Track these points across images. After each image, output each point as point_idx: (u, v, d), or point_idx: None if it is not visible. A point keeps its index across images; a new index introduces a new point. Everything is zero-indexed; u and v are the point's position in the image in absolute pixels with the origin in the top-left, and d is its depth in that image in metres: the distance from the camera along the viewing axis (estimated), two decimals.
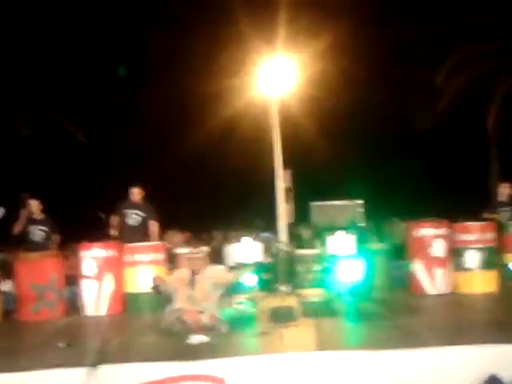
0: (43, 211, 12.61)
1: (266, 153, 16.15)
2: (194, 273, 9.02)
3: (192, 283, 8.88)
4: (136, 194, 12.31)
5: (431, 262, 11.08)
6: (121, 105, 23.98)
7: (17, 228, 12.46)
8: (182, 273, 9.21)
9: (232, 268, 11.52)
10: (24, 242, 12.60)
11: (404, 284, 11.77)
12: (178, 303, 8.66)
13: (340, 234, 11.64)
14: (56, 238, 12.63)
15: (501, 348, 6.81)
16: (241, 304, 10.48)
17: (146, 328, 9.79)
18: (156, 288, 9.03)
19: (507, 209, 12.45)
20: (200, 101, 22.91)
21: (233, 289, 10.17)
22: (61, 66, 20.85)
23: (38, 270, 11.30)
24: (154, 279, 9.11)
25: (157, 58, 23.76)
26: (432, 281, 11.05)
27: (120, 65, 24.02)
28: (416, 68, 21.70)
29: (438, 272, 11.06)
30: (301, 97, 18.14)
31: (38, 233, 12.44)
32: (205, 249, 11.69)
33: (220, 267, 9.69)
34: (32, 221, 12.47)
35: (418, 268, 11.17)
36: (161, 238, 12.55)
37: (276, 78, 15.80)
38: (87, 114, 22.25)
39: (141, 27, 23.81)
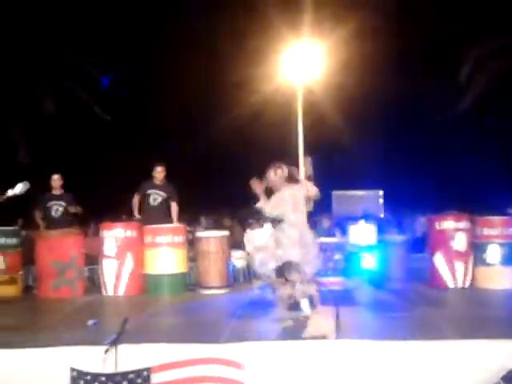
0: (63, 186, 12.59)
1: (291, 140, 16.12)
2: None
3: None
4: (160, 171, 12.26)
5: (452, 256, 11.01)
6: (150, 88, 24.06)
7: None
8: None
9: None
10: (44, 218, 12.60)
11: (424, 277, 11.72)
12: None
13: (361, 223, 11.65)
14: (78, 209, 12.60)
15: None
16: (260, 289, 10.51)
17: (165, 309, 9.87)
18: None
19: None
20: (227, 88, 22.92)
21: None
22: (86, 46, 20.84)
23: (58, 248, 11.38)
24: None
25: (183, 45, 23.75)
26: (452, 274, 10.99)
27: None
28: (442, 58, 21.51)
29: (459, 266, 10.99)
30: (325, 84, 18.08)
31: (57, 208, 12.43)
32: (226, 232, 11.76)
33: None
34: (52, 196, 12.46)
35: (438, 261, 11.10)
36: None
37: (301, 64, 15.76)
38: (114, 96, 22.32)
39: (167, 13, 23.81)
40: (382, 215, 17.98)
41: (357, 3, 21.00)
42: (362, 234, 11.47)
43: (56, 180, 12.40)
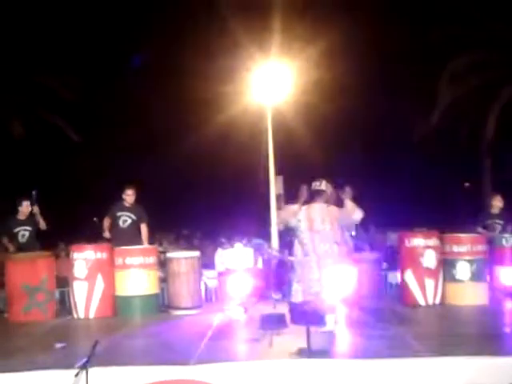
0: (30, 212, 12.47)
1: (260, 159, 16.16)
2: None
3: None
4: (130, 194, 12.21)
5: (422, 273, 11.06)
6: (116, 106, 24.00)
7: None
8: None
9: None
10: (12, 243, 12.47)
11: (395, 294, 11.79)
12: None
13: None
14: (43, 224, 12.46)
15: (489, 360, 6.83)
16: (231, 310, 10.52)
17: (136, 331, 9.83)
18: None
19: (499, 221, 12.42)
20: (195, 106, 22.96)
21: None
22: (54, 66, 20.77)
23: (28, 270, 11.27)
24: None
25: (152, 63, 23.81)
26: (423, 291, 11.04)
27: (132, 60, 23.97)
28: (411, 74, 21.71)
29: (429, 283, 11.05)
30: (295, 103, 18.17)
31: (23, 233, 12.32)
32: (197, 253, 11.74)
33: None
34: (18, 221, 12.33)
35: (409, 278, 11.16)
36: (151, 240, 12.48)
37: (270, 84, 15.82)
38: (81, 114, 22.22)
39: (136, 32, 23.85)
40: (353, 233, 18.00)
41: (326, 23, 21.14)
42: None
43: (25, 207, 12.28)
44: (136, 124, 23.99)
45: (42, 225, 12.31)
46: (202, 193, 25.15)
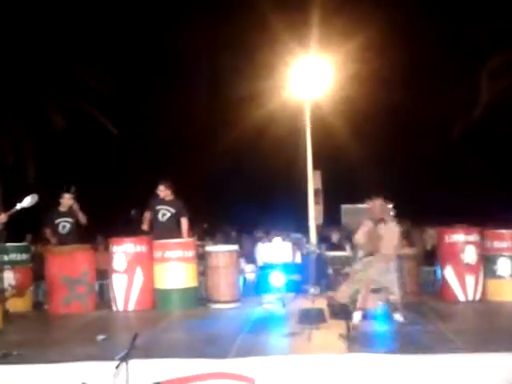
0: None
1: (298, 154, 16.11)
2: None
3: None
4: (161, 190, 12.24)
5: (462, 269, 10.98)
6: (155, 101, 24.12)
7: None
8: None
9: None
10: (55, 234, 12.56)
11: (435, 290, 11.71)
12: None
13: None
14: (83, 219, 12.55)
15: None
16: (270, 304, 10.52)
17: (175, 324, 9.88)
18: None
19: None
20: (234, 102, 22.96)
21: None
22: (93, 61, 20.91)
23: (69, 263, 11.40)
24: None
25: (190, 58, 23.84)
26: (463, 287, 10.96)
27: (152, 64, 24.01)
28: (451, 69, 21.50)
29: (469, 279, 10.96)
30: (334, 98, 18.08)
31: (64, 225, 12.41)
32: (235, 247, 11.76)
33: None
34: (59, 213, 12.41)
35: (449, 274, 11.08)
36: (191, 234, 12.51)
37: (309, 79, 15.76)
38: (120, 109, 22.34)
39: (174, 26, 23.90)
40: None
41: (365, 17, 21.03)
42: None
43: (66, 199, 12.36)
44: (175, 120, 24.05)
45: (82, 219, 12.40)
46: (240, 188, 25.15)
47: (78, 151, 22.79)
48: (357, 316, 8.88)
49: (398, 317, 8.95)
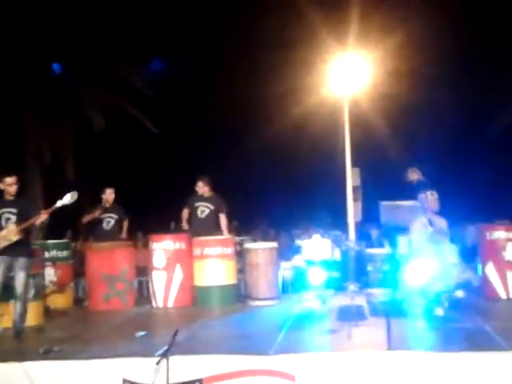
0: (114, 200, 12.62)
1: (337, 151, 16.06)
2: None
3: None
4: (200, 186, 12.28)
5: (504, 266, 10.85)
6: (193, 100, 24.20)
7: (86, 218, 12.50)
8: None
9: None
10: (95, 230, 12.64)
11: (475, 287, 11.60)
12: None
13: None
14: (126, 224, 12.63)
15: None
16: (309, 301, 10.49)
17: (215, 320, 9.90)
18: None
19: None
20: (272, 99, 22.93)
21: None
22: (135, 60, 20.98)
23: (109, 260, 11.49)
24: None
25: (228, 55, 23.85)
26: (504, 285, 10.83)
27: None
28: (493, 67, 21.25)
29: (511, 276, 10.82)
30: (372, 95, 17.98)
31: (109, 220, 12.48)
32: (274, 244, 11.75)
33: None
34: (104, 209, 12.53)
35: (490, 272, 10.96)
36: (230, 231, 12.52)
37: (347, 76, 15.71)
38: (159, 107, 22.40)
39: (213, 24, 23.92)
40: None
41: (404, 12, 20.88)
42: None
43: (109, 194, 12.45)
44: (213, 117, 24.09)
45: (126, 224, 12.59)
46: (278, 185, 25.13)
47: (118, 149, 22.91)
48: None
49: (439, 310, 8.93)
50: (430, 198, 9.46)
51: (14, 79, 18.99)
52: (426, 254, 9.32)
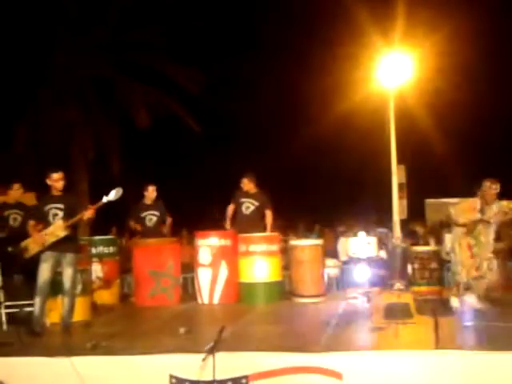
0: (156, 197, 12.66)
1: (382, 147, 15.99)
2: None
3: None
4: (245, 183, 12.28)
5: None
6: (238, 97, 24.24)
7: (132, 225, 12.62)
8: None
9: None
10: (141, 227, 12.69)
11: None
12: None
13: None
14: (169, 221, 12.67)
15: None
16: (355, 298, 10.46)
17: (260, 317, 9.89)
18: None
19: None
20: (318, 95, 22.91)
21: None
22: (181, 58, 21.04)
23: (155, 257, 11.54)
24: None
25: (274, 51, 23.88)
26: None
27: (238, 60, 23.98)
28: None
29: None
30: (418, 91, 17.86)
31: (150, 218, 12.53)
32: (320, 241, 11.70)
33: None
34: (145, 206, 12.56)
35: None
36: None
37: (394, 71, 15.63)
38: (202, 106, 22.46)
39: (256, 22, 23.96)
40: None
41: (451, 7, 20.71)
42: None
43: (151, 191, 12.50)
44: (258, 115, 24.14)
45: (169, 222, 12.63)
46: (323, 181, 25.09)
47: (162, 146, 23.07)
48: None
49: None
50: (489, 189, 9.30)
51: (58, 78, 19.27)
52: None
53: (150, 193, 12.48)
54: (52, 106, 19.28)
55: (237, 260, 11.45)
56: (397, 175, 15.86)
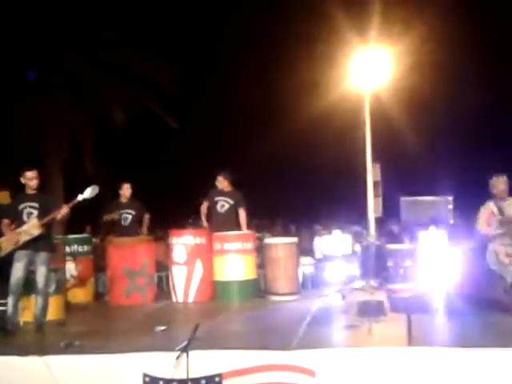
0: (132, 195, 12.59)
1: (358, 146, 16.02)
2: None
3: None
4: (220, 181, 12.27)
5: None
6: (214, 94, 24.20)
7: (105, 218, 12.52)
8: None
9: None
10: (115, 226, 12.66)
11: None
12: None
13: (431, 229, 11.48)
14: (146, 219, 12.60)
15: None
16: (329, 296, 10.48)
17: (235, 315, 9.91)
18: None
19: None
20: (292, 93, 22.92)
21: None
22: (155, 55, 20.96)
23: (130, 255, 11.52)
24: None
25: (247, 48, 23.85)
26: None
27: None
28: None
29: None
30: (393, 89, 17.90)
31: (126, 216, 12.48)
32: (295, 239, 11.72)
33: None
34: (121, 205, 12.46)
35: None
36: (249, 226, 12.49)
37: (369, 70, 15.66)
38: (179, 102, 22.38)
39: (230, 18, 23.94)
40: (451, 221, 17.71)
41: (427, 6, 20.77)
42: (431, 240, 11.30)
43: (126, 189, 12.44)
44: (234, 112, 24.11)
45: (146, 220, 12.54)
46: (298, 180, 25.13)
47: (137, 144, 22.99)
48: None
49: None
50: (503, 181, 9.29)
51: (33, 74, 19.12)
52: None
53: (125, 191, 12.41)
54: (25, 104, 19.12)
55: (212, 258, 11.47)
56: (372, 173, 15.89)
